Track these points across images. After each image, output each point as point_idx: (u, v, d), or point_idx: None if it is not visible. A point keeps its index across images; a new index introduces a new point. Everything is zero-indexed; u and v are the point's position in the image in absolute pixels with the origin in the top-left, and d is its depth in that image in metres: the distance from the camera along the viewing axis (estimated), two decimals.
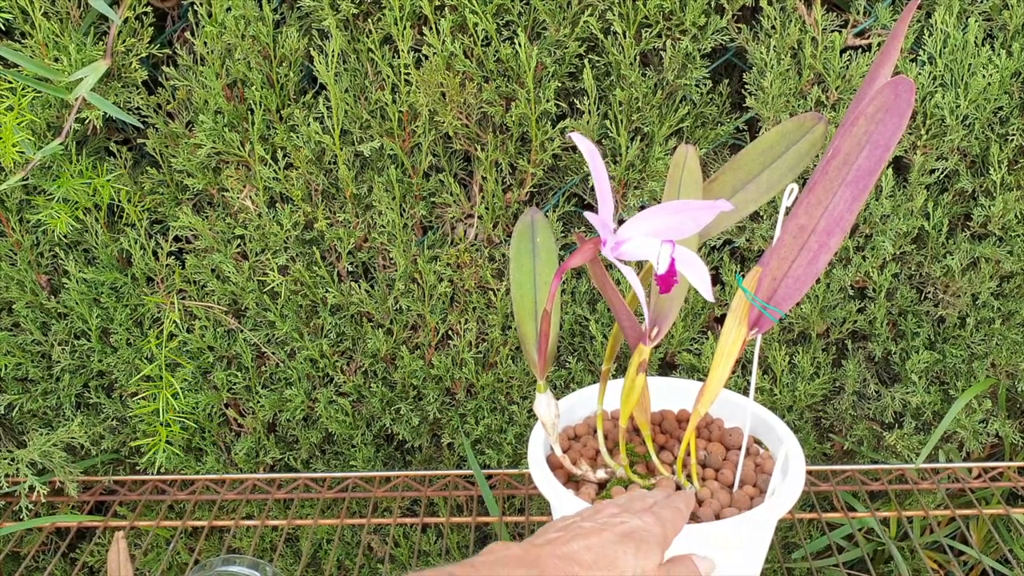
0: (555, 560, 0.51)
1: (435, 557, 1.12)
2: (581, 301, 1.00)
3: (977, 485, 1.02)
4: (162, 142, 0.96)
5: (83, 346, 1.04)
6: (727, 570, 0.65)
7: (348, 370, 1.06)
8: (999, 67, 0.86)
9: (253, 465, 1.09)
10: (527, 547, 0.52)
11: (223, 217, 0.98)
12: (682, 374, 1.03)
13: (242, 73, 0.91)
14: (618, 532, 0.54)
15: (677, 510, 0.59)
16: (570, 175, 0.97)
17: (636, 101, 0.89)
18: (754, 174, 0.64)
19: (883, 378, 1.05)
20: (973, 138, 0.91)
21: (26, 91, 0.88)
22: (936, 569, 1.10)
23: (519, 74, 0.88)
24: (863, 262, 0.95)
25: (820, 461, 1.09)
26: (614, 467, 0.70)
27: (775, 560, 0.94)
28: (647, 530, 0.55)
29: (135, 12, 0.89)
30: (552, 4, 0.86)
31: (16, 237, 0.99)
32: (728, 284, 0.98)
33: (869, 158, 0.54)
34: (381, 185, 0.95)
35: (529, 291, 0.69)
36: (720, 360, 0.62)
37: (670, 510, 0.58)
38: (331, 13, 0.88)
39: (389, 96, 0.90)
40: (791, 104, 0.90)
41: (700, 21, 0.86)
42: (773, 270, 0.59)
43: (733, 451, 0.73)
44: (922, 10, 0.89)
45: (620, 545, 0.53)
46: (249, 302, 1.01)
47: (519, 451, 1.06)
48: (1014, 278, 0.97)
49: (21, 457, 0.97)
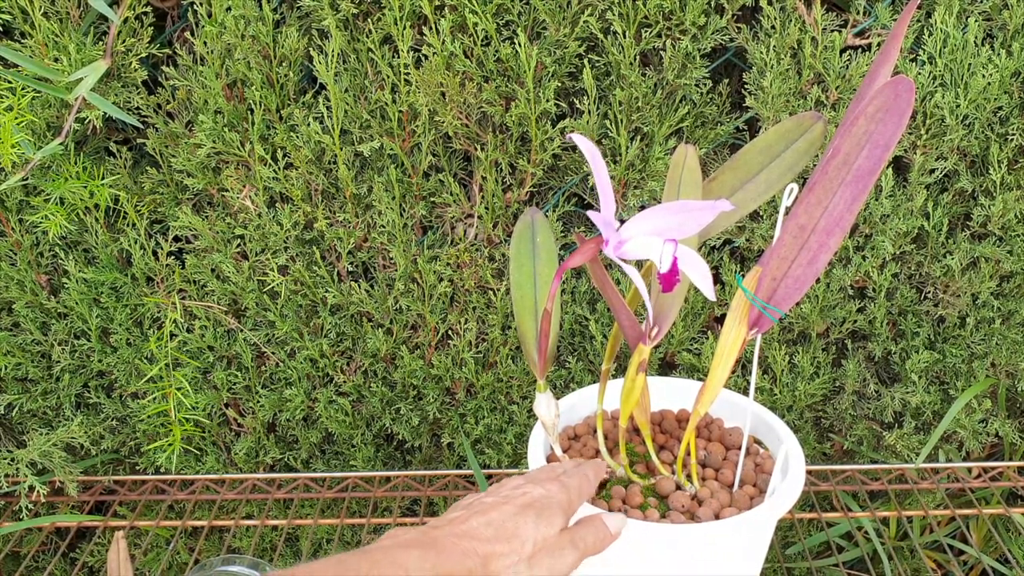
0: (453, 539, 0.51)
1: None
2: (581, 301, 1.00)
3: (977, 485, 1.02)
4: (162, 142, 0.96)
5: (83, 346, 1.04)
6: (727, 570, 0.65)
7: (348, 370, 1.06)
8: (999, 67, 0.86)
9: (253, 465, 1.09)
10: (425, 530, 0.52)
11: (223, 217, 0.98)
12: (682, 374, 1.03)
13: (242, 73, 0.91)
14: (519, 504, 0.55)
15: (584, 477, 0.60)
16: (570, 175, 0.97)
17: (636, 101, 0.89)
18: (753, 173, 0.64)
19: (883, 378, 1.05)
20: (973, 138, 0.91)
21: (26, 91, 0.88)
22: (936, 569, 1.10)
23: (519, 74, 0.88)
24: (863, 262, 0.95)
25: (820, 461, 1.09)
26: (614, 467, 0.70)
27: (775, 560, 0.94)
28: (549, 497, 0.56)
29: (135, 12, 0.89)
30: (552, 4, 0.86)
31: (16, 237, 0.99)
32: (728, 284, 0.98)
33: (869, 158, 0.54)
34: (381, 185, 0.95)
35: (529, 291, 0.69)
36: (720, 360, 0.62)
37: (577, 477, 0.59)
38: (331, 13, 0.88)
39: (389, 96, 0.90)
40: (791, 104, 0.90)
41: (700, 21, 0.86)
42: (773, 270, 0.59)
43: (733, 451, 0.73)
44: (922, 10, 0.89)
45: (520, 516, 0.54)
46: (249, 302, 1.01)
47: (519, 451, 1.06)
48: (1014, 278, 0.97)
49: (21, 457, 0.97)
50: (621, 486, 0.68)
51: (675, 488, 0.68)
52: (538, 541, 0.53)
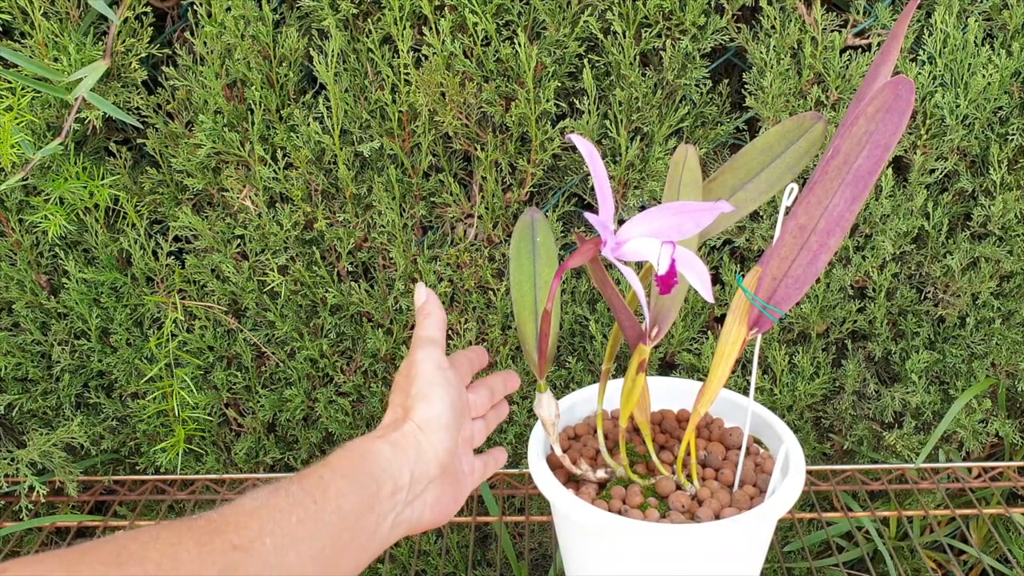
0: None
1: (435, 556, 1.12)
2: (581, 301, 1.00)
3: (977, 485, 1.02)
4: (162, 142, 0.96)
5: (83, 346, 1.04)
6: (727, 570, 0.65)
7: (348, 370, 1.06)
8: (999, 67, 0.86)
9: (253, 465, 1.09)
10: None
11: (223, 217, 0.98)
12: (682, 374, 1.03)
13: (242, 73, 0.91)
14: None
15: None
16: (570, 175, 0.97)
17: (636, 101, 0.89)
18: (753, 173, 0.64)
19: (883, 378, 1.05)
20: (973, 138, 0.91)
21: (25, 91, 0.88)
22: (936, 568, 1.10)
23: (519, 74, 0.88)
24: (863, 262, 0.95)
25: (820, 461, 1.09)
26: (614, 467, 0.70)
27: (775, 560, 0.94)
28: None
29: (134, 12, 0.89)
30: (552, 4, 0.86)
31: (16, 237, 0.99)
32: (728, 284, 0.98)
33: (869, 158, 0.54)
34: (381, 185, 0.95)
35: (529, 291, 0.69)
36: (720, 360, 0.62)
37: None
38: (331, 13, 0.88)
39: (389, 96, 0.90)
40: (791, 104, 0.90)
41: (700, 21, 0.86)
42: (773, 270, 0.59)
43: (733, 451, 0.73)
44: (922, 10, 0.89)
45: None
46: (249, 302, 1.01)
47: (519, 451, 1.06)
48: (1014, 278, 0.97)
49: (21, 457, 0.97)
50: (621, 486, 0.68)
51: (675, 488, 0.68)
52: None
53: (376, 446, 0.55)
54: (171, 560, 0.41)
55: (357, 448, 0.54)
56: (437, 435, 0.57)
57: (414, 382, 0.59)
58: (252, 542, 0.44)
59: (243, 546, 0.44)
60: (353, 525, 0.50)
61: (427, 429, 0.57)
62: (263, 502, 0.47)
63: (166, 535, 0.42)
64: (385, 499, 0.53)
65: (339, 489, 0.50)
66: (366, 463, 0.53)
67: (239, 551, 0.44)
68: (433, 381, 0.59)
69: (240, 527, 0.45)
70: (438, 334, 0.63)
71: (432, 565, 1.13)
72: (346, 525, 0.50)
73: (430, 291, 0.66)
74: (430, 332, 0.63)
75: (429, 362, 0.60)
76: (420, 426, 0.57)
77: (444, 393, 0.59)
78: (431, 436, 0.57)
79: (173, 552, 0.41)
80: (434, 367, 0.60)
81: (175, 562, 0.41)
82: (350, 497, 0.50)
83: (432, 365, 0.60)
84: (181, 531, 0.43)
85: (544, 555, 1.17)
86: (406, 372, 0.61)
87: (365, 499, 0.51)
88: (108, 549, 0.40)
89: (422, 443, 0.57)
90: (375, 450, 0.54)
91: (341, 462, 0.52)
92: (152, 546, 0.41)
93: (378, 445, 0.55)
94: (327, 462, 0.52)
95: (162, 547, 0.41)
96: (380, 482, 0.53)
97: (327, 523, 0.48)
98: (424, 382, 0.59)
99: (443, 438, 0.58)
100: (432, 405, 0.58)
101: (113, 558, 0.40)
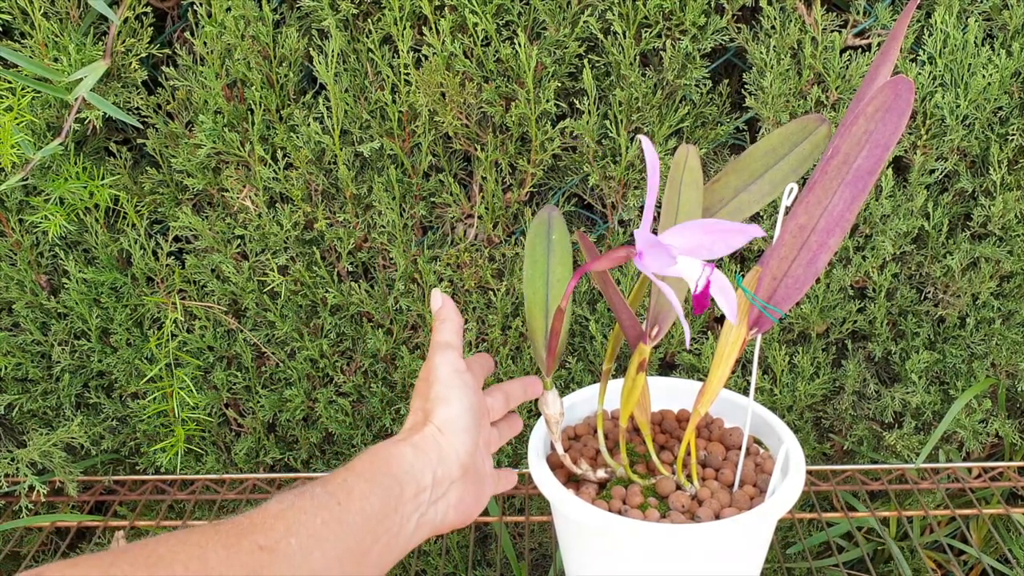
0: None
1: (435, 556, 1.12)
2: (581, 301, 1.00)
3: (977, 485, 1.02)
4: (162, 142, 0.96)
5: (83, 346, 1.04)
6: (727, 570, 0.65)
7: (348, 370, 1.06)
8: (999, 67, 0.86)
9: (253, 465, 1.09)
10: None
11: (223, 217, 0.98)
12: (682, 374, 1.03)
13: (242, 73, 0.91)
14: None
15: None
16: (570, 175, 0.97)
17: (636, 101, 0.89)
18: (757, 175, 0.64)
19: (883, 378, 1.05)
20: (973, 138, 0.91)
21: (26, 91, 0.88)
22: (936, 569, 1.10)
23: (519, 74, 0.88)
24: (863, 262, 0.95)
25: (820, 461, 1.09)
26: (614, 467, 0.70)
27: (775, 560, 0.94)
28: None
29: (135, 12, 0.89)
30: (552, 4, 0.86)
31: (16, 237, 0.99)
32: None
33: (869, 158, 0.54)
34: (381, 185, 0.95)
35: (541, 287, 0.69)
36: (720, 360, 0.62)
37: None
38: (331, 13, 0.88)
39: (389, 96, 0.90)
40: (791, 104, 0.90)
41: (700, 21, 0.86)
42: (773, 270, 0.59)
43: (733, 451, 0.73)
44: (922, 10, 0.89)
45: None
46: (249, 302, 1.01)
47: (519, 451, 1.07)
48: (1014, 278, 0.97)
49: (21, 457, 0.97)
50: (621, 486, 0.68)
51: (675, 488, 0.68)
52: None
53: (398, 449, 0.56)
54: (199, 562, 0.42)
55: (380, 452, 0.55)
56: (457, 437, 0.58)
57: (433, 386, 0.60)
58: (278, 543, 0.46)
59: (269, 547, 0.45)
60: (377, 526, 0.51)
61: (447, 431, 0.58)
62: (288, 504, 0.48)
63: (194, 538, 0.44)
64: (408, 500, 0.54)
65: (363, 491, 0.51)
66: (389, 466, 0.54)
67: (266, 552, 0.45)
68: (451, 384, 0.60)
69: (266, 528, 0.46)
70: (455, 338, 0.63)
71: (432, 565, 1.13)
72: (370, 526, 0.51)
73: (446, 296, 0.66)
74: (447, 337, 0.63)
75: (447, 366, 0.61)
76: (440, 428, 0.58)
77: (463, 395, 0.60)
78: (451, 438, 0.58)
79: (201, 554, 0.43)
80: (452, 371, 0.61)
81: (203, 563, 0.42)
82: (373, 499, 0.51)
83: (450, 369, 0.61)
84: (208, 534, 0.44)
85: (544, 555, 1.17)
86: (425, 376, 0.61)
87: (389, 500, 0.52)
88: (138, 552, 0.42)
89: (443, 445, 0.58)
90: (397, 453, 0.55)
91: (364, 465, 0.53)
92: (180, 549, 0.43)
93: (400, 448, 0.56)
94: (351, 466, 0.53)
95: (190, 549, 0.43)
96: (403, 484, 0.54)
97: (352, 524, 0.50)
98: (443, 385, 0.60)
99: (463, 440, 0.59)
100: (451, 407, 0.59)
101: (143, 560, 0.41)
